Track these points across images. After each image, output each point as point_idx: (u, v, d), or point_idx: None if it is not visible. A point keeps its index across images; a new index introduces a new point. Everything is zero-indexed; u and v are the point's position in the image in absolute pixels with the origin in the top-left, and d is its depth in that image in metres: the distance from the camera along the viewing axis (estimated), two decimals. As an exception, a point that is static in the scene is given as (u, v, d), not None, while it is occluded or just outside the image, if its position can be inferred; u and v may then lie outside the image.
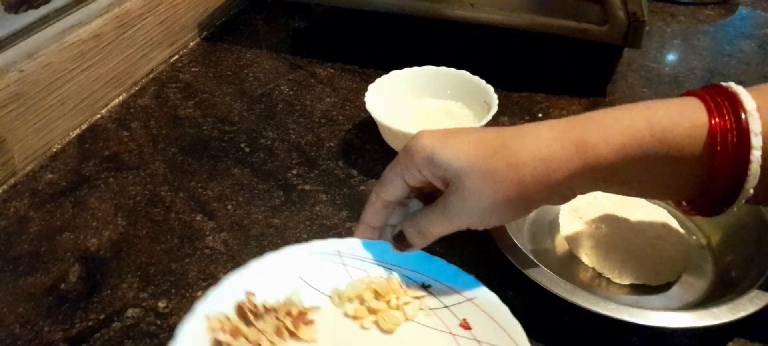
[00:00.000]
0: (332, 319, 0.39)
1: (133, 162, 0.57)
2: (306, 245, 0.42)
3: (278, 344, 0.37)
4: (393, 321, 0.39)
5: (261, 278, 0.40)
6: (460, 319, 0.39)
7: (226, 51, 0.75)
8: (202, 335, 0.36)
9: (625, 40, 0.61)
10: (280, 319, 0.38)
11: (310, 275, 0.41)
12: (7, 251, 0.48)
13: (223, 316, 0.37)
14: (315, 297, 0.40)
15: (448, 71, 0.59)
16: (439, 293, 0.40)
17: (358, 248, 0.42)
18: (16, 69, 0.54)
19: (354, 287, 0.40)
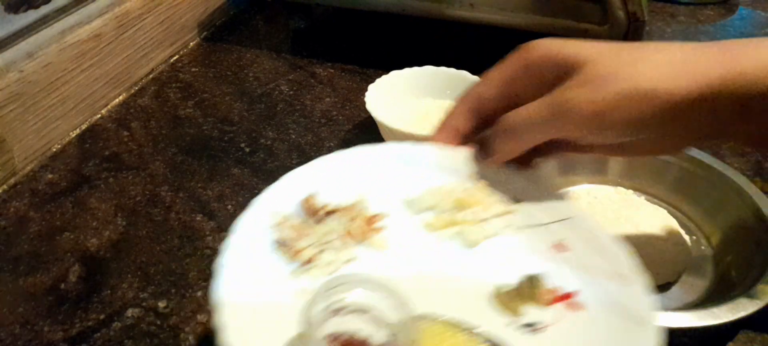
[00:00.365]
0: (405, 228, 0.35)
1: (133, 162, 0.57)
2: (377, 146, 0.38)
3: (344, 249, 0.33)
4: (477, 235, 0.34)
5: (326, 178, 0.36)
6: (555, 239, 0.34)
7: (226, 51, 0.75)
8: (261, 233, 0.33)
9: (625, 40, 0.61)
10: (346, 222, 0.34)
11: (380, 179, 0.37)
12: (7, 251, 0.48)
13: (283, 214, 0.34)
14: (385, 203, 0.36)
15: (448, 71, 0.59)
16: (531, 209, 0.36)
17: (437, 153, 0.37)
18: (16, 69, 0.54)
19: (432, 196, 0.36)
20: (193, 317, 0.43)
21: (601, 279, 0.32)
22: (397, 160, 0.38)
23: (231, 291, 0.30)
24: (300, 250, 0.33)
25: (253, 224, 0.33)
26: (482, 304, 0.32)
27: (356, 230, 0.34)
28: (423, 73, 0.59)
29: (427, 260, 0.34)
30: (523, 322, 0.31)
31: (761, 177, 0.53)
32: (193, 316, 0.43)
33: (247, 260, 0.32)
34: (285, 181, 0.36)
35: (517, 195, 0.36)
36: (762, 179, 0.53)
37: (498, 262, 0.34)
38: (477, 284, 0.32)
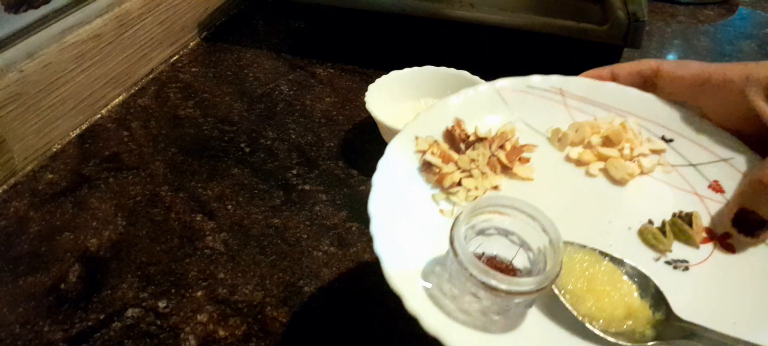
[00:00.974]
0: (551, 160, 0.35)
1: (133, 162, 0.57)
2: (522, 79, 0.37)
3: (490, 177, 0.34)
4: (626, 170, 0.34)
5: (471, 107, 0.36)
6: (710, 180, 0.33)
7: (226, 51, 0.75)
8: (410, 156, 0.34)
9: (625, 40, 0.61)
10: (492, 150, 0.34)
11: (524, 110, 0.36)
12: (7, 251, 0.48)
13: (432, 139, 0.35)
14: (530, 135, 0.36)
15: (448, 71, 0.59)
16: (683, 149, 0.34)
17: (585, 88, 0.37)
18: (16, 69, 0.54)
19: (578, 130, 0.35)
20: (193, 317, 0.43)
21: None
22: (544, 94, 0.37)
23: (382, 206, 0.31)
24: (445, 174, 0.33)
25: (404, 147, 0.34)
26: (629, 238, 0.31)
27: (502, 158, 0.34)
28: (423, 73, 0.59)
29: (573, 194, 0.33)
30: (671, 258, 0.31)
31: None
32: (193, 316, 0.43)
33: (397, 180, 0.33)
34: (436, 108, 0.36)
35: (667, 134, 0.35)
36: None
37: (647, 199, 0.33)
38: (624, 219, 0.32)
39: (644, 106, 0.36)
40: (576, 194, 0.34)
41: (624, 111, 0.36)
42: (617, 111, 0.36)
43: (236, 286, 0.45)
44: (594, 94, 0.37)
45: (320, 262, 0.47)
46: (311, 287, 0.45)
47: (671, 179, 0.34)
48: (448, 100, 0.36)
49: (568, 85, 0.37)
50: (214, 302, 0.44)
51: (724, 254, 0.30)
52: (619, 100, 0.36)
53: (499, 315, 0.28)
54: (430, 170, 0.33)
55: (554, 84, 0.37)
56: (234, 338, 0.41)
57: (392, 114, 0.56)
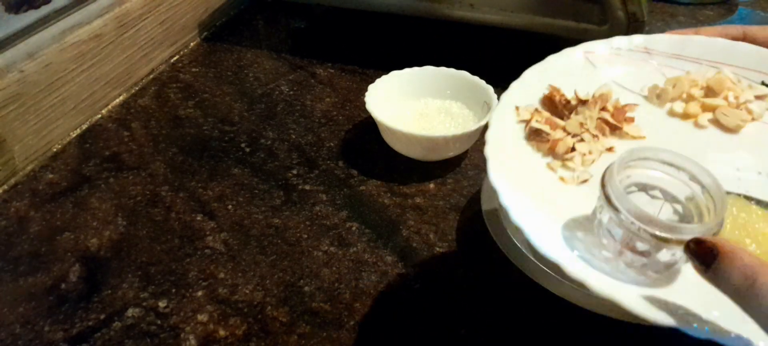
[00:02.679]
0: (655, 117, 0.34)
1: (134, 162, 0.57)
2: (605, 41, 0.37)
3: (601, 139, 0.33)
4: (738, 117, 0.33)
5: (561, 74, 0.35)
6: None
7: (227, 51, 0.75)
8: (512, 127, 0.33)
9: (624, 40, 0.61)
10: (597, 113, 0.33)
11: (615, 71, 0.36)
12: (7, 251, 0.48)
13: (532, 107, 0.34)
14: (627, 96, 0.35)
15: (448, 71, 0.59)
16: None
17: (671, 44, 0.36)
18: (17, 69, 0.54)
19: (676, 84, 0.35)
20: (193, 317, 0.43)
21: None
22: (631, 54, 0.37)
23: (504, 178, 0.30)
24: (557, 141, 0.32)
25: (506, 118, 0.33)
26: (763, 182, 0.30)
27: (608, 120, 0.33)
28: (423, 73, 0.59)
29: (689, 147, 0.32)
30: None
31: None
32: (193, 316, 0.43)
33: (509, 151, 0.32)
34: (527, 76, 0.35)
35: (767, 79, 0.35)
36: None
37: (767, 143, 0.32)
38: (751, 164, 0.31)
39: (735, 55, 0.35)
40: (692, 146, 0.32)
41: (716, 62, 0.35)
42: (709, 63, 0.35)
43: (236, 286, 0.45)
44: (681, 49, 0.36)
45: (320, 262, 0.47)
46: (311, 287, 0.45)
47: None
48: (536, 68, 0.35)
49: (653, 43, 0.36)
50: (215, 301, 0.44)
51: None
52: (708, 52, 0.35)
53: (658, 273, 0.27)
54: (540, 138, 0.32)
55: (639, 43, 0.36)
56: (234, 338, 0.41)
57: (392, 114, 0.56)
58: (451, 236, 0.49)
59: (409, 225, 0.50)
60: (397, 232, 0.49)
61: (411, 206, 0.52)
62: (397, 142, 0.54)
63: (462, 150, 0.55)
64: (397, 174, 0.55)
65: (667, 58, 0.36)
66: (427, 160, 0.55)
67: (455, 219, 0.50)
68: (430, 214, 0.51)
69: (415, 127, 0.56)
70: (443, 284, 0.45)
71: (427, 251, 0.47)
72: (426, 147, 0.54)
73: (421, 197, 0.53)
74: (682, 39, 0.36)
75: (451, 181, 0.54)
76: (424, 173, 0.55)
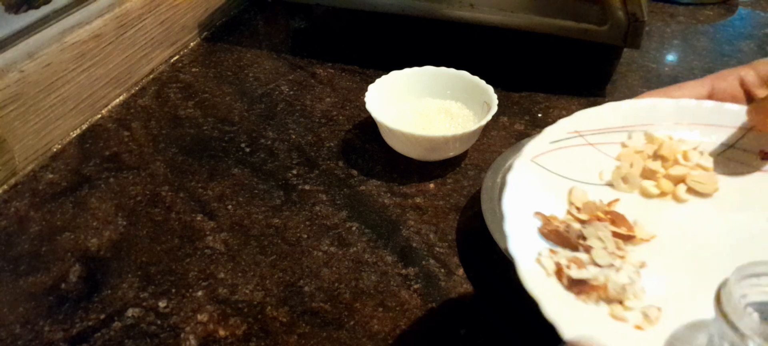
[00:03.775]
0: (636, 207, 0.31)
1: (134, 162, 0.57)
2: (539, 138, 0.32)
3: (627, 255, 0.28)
4: (708, 179, 0.31)
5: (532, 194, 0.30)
6: (756, 151, 0.32)
7: (227, 51, 0.75)
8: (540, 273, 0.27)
9: (624, 40, 0.61)
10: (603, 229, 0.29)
11: (569, 170, 0.32)
12: (7, 251, 0.48)
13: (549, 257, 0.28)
14: (596, 192, 0.32)
15: (448, 71, 0.59)
16: (711, 137, 0.33)
17: (592, 119, 0.33)
18: (17, 69, 0.54)
19: (631, 162, 0.32)
20: (193, 317, 0.43)
21: None
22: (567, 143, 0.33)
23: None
24: (603, 286, 0.27)
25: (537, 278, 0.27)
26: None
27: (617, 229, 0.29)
28: (423, 73, 0.59)
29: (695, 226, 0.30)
30: None
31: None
32: (193, 316, 0.43)
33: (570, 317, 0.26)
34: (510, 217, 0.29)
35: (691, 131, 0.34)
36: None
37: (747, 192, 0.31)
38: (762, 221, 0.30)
39: (652, 115, 0.34)
40: (696, 226, 0.30)
41: (636, 126, 0.34)
42: (632, 129, 0.34)
43: (236, 286, 0.45)
44: (602, 121, 0.34)
45: (320, 262, 0.47)
46: (311, 287, 0.45)
47: (730, 167, 0.32)
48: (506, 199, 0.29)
49: (579, 123, 0.33)
50: (215, 301, 0.44)
51: None
52: (629, 117, 0.34)
53: None
54: (587, 288, 0.27)
55: (568, 128, 0.33)
56: (234, 338, 0.41)
57: (392, 114, 0.56)
58: (451, 236, 0.49)
59: (409, 225, 0.50)
60: (397, 232, 0.49)
61: (411, 206, 0.52)
62: (397, 142, 0.54)
63: (462, 150, 0.56)
64: (397, 174, 0.55)
65: (596, 134, 0.34)
66: (427, 160, 0.55)
67: (455, 219, 0.50)
68: (430, 214, 0.51)
69: (415, 127, 0.56)
70: (443, 284, 0.45)
71: (427, 251, 0.47)
72: (426, 147, 0.54)
73: (421, 197, 0.53)
74: (599, 110, 0.34)
75: (451, 181, 0.54)
76: (424, 173, 0.55)
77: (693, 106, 0.34)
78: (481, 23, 0.65)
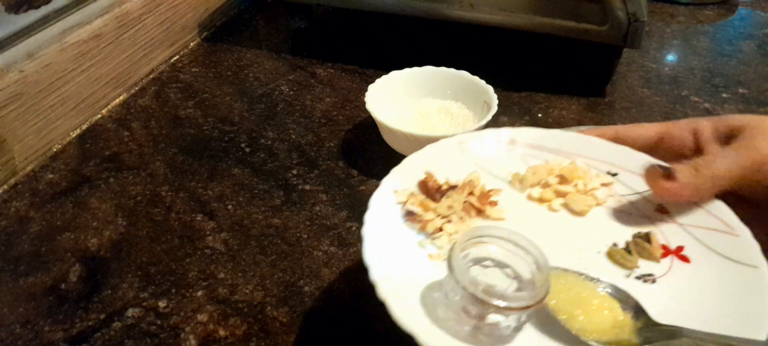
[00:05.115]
0: (516, 201, 0.39)
1: (134, 162, 0.57)
2: (478, 132, 0.42)
3: (467, 220, 0.37)
4: (584, 203, 0.38)
5: (437, 161, 0.40)
6: (655, 204, 0.37)
7: (227, 51, 0.75)
8: (391, 208, 0.37)
9: (624, 40, 0.61)
10: (464, 197, 0.37)
11: (485, 160, 0.41)
12: (7, 251, 0.48)
13: (408, 190, 0.38)
14: (493, 182, 0.39)
15: (448, 71, 0.59)
16: (628, 180, 0.39)
17: (534, 136, 0.41)
18: (17, 69, 0.54)
19: (536, 172, 0.39)
20: (193, 317, 0.43)
21: (706, 234, 0.35)
22: (499, 144, 0.42)
23: (377, 254, 0.34)
24: (427, 221, 0.36)
25: (385, 200, 0.37)
26: (598, 261, 0.35)
27: (474, 203, 0.37)
28: (423, 73, 0.59)
29: (542, 228, 0.37)
30: (638, 274, 0.34)
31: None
32: (193, 316, 0.43)
33: (385, 230, 0.35)
34: (406, 163, 0.39)
35: (612, 169, 0.40)
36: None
37: (607, 225, 0.37)
38: (591, 244, 0.36)
39: (587, 148, 0.41)
40: (544, 228, 0.37)
41: (571, 153, 0.41)
42: (565, 154, 0.41)
43: (236, 286, 0.45)
44: (542, 141, 0.41)
45: (320, 262, 0.47)
46: (311, 287, 0.45)
47: (623, 206, 0.38)
48: (416, 155, 0.40)
49: (518, 136, 0.42)
50: (215, 301, 0.44)
51: (683, 264, 0.34)
52: (565, 144, 0.41)
53: (489, 336, 0.30)
54: (414, 219, 0.36)
55: (506, 135, 0.42)
56: (234, 338, 0.41)
57: (392, 114, 0.56)
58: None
59: (409, 225, 0.50)
60: (397, 232, 0.49)
61: (411, 206, 0.52)
62: (397, 142, 0.54)
63: (462, 150, 0.55)
64: (397, 174, 0.55)
65: (530, 148, 0.41)
66: (427, 160, 0.55)
67: (455, 219, 0.50)
68: (430, 214, 0.51)
69: (415, 127, 0.56)
70: (443, 284, 0.45)
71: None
72: (426, 147, 0.54)
73: (421, 197, 0.53)
74: (544, 133, 0.42)
75: (451, 181, 0.54)
76: (424, 173, 0.55)
77: (623, 152, 0.40)
78: (481, 23, 0.65)
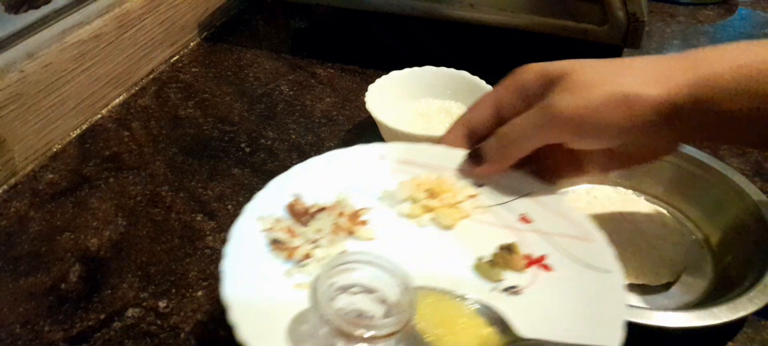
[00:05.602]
0: (386, 219, 0.39)
1: (134, 162, 0.57)
2: (347, 149, 0.42)
3: (337, 243, 0.36)
4: (451, 217, 0.38)
5: (306, 182, 0.39)
6: (519, 214, 0.38)
7: (227, 51, 0.75)
8: (255, 236, 0.36)
9: (624, 40, 0.61)
10: (334, 219, 0.37)
11: (355, 177, 0.40)
12: (7, 251, 0.48)
13: (274, 218, 0.37)
14: (363, 199, 0.39)
15: (448, 71, 0.59)
16: (493, 191, 0.40)
17: (403, 151, 0.42)
18: (17, 69, 0.54)
19: (404, 188, 0.40)
20: (193, 317, 0.43)
21: (565, 241, 0.36)
22: (368, 160, 0.41)
23: (238, 291, 0.32)
24: (295, 248, 0.35)
25: (248, 228, 0.36)
26: (466, 275, 0.36)
27: (343, 224, 0.37)
28: (423, 73, 0.59)
29: (412, 244, 0.37)
30: (504, 286, 0.35)
31: (761, 177, 0.54)
32: (193, 316, 0.43)
33: (247, 262, 0.34)
34: (272, 186, 0.39)
35: (478, 181, 0.40)
36: (762, 179, 0.53)
37: (473, 238, 0.37)
38: (459, 259, 0.36)
39: (453, 161, 0.41)
40: (414, 245, 0.37)
41: (439, 166, 0.41)
42: (433, 168, 0.41)
43: (236, 286, 0.45)
44: (411, 155, 0.42)
45: (320, 262, 0.47)
46: (311, 286, 0.45)
47: (488, 218, 0.39)
48: (283, 176, 0.39)
49: (387, 151, 0.42)
50: (215, 301, 0.44)
51: (546, 273, 0.35)
52: (433, 157, 0.41)
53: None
54: (280, 246, 0.36)
55: (375, 151, 0.42)
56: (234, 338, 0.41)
57: (392, 114, 0.56)
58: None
59: (409, 225, 0.50)
60: (397, 232, 0.49)
61: (411, 206, 0.52)
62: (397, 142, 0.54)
63: (462, 150, 0.55)
64: (397, 174, 0.55)
65: (399, 164, 0.41)
66: (427, 160, 0.55)
67: (455, 219, 0.50)
68: (430, 214, 0.51)
69: (415, 127, 0.56)
70: (443, 284, 0.45)
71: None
72: (426, 147, 0.54)
73: (421, 197, 0.52)
74: (411, 147, 0.42)
75: (451, 181, 0.54)
76: (424, 173, 0.55)
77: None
78: (481, 23, 0.65)
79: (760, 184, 0.52)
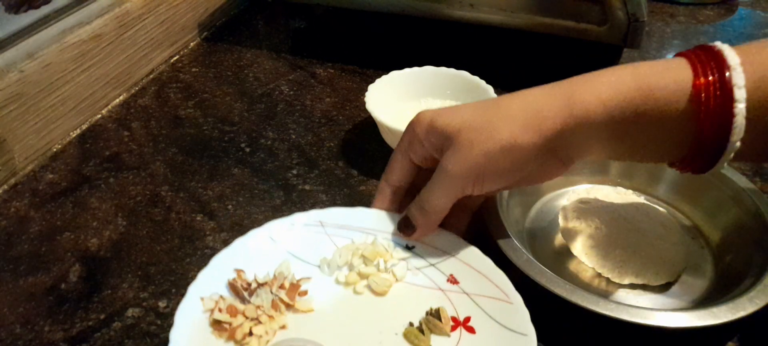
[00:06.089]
0: (324, 287, 0.40)
1: (134, 162, 0.57)
2: (287, 219, 0.43)
3: (276, 318, 0.38)
4: (385, 283, 0.40)
5: (248, 255, 0.41)
6: (447, 275, 0.41)
7: (227, 51, 0.75)
8: (199, 317, 0.37)
9: (624, 40, 0.61)
10: (274, 292, 0.39)
11: (295, 247, 0.42)
12: (7, 251, 0.48)
13: (217, 296, 0.38)
14: (304, 268, 0.41)
15: (448, 71, 0.59)
16: (423, 253, 0.42)
17: (340, 216, 0.43)
18: (17, 69, 0.54)
19: (341, 255, 0.41)
20: (193, 317, 0.43)
21: (488, 303, 0.38)
22: (308, 228, 0.43)
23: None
24: (235, 328, 0.37)
25: (192, 310, 0.37)
26: (397, 343, 0.37)
27: (284, 298, 0.39)
28: (423, 73, 0.59)
29: (348, 314, 0.39)
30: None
31: (761, 177, 0.54)
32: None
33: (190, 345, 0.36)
34: (214, 263, 0.40)
35: (409, 243, 0.43)
36: (761, 179, 0.53)
37: (405, 303, 0.40)
38: (391, 326, 0.38)
39: (386, 224, 0.43)
40: (350, 312, 0.39)
41: (373, 230, 0.43)
42: (368, 231, 0.43)
43: (236, 286, 0.45)
44: (347, 220, 0.43)
45: (320, 262, 0.47)
46: (311, 286, 0.45)
47: (419, 279, 0.41)
48: (225, 252, 0.40)
49: (326, 217, 0.43)
50: (215, 301, 0.44)
51: (470, 335, 0.38)
52: (367, 221, 0.43)
53: None
54: (220, 328, 0.37)
55: (315, 218, 0.43)
56: (234, 338, 0.41)
57: (392, 114, 0.56)
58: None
59: (409, 225, 0.50)
60: (397, 232, 0.49)
61: (411, 206, 0.52)
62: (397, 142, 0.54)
63: (462, 150, 0.55)
64: (397, 174, 0.55)
65: (337, 229, 0.43)
66: (427, 160, 0.55)
67: (455, 219, 0.50)
68: (430, 214, 0.51)
69: (415, 127, 0.56)
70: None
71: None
72: (426, 147, 0.54)
73: (421, 197, 0.52)
74: (350, 212, 0.43)
75: (451, 181, 0.54)
76: (424, 173, 0.55)
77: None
78: (481, 23, 0.65)
79: (760, 184, 0.52)
